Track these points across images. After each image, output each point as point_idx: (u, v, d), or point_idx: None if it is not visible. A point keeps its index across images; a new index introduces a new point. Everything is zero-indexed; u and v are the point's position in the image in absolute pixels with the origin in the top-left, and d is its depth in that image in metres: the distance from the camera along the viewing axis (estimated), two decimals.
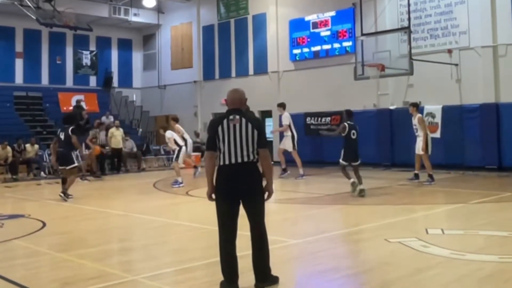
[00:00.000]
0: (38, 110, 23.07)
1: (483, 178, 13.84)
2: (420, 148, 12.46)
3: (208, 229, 7.12)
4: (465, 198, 10.28)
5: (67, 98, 23.56)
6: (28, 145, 17.73)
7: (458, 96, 15.87)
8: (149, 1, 24.21)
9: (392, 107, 17.29)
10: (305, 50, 19.80)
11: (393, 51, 15.86)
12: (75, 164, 11.68)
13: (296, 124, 15.66)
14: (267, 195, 4.83)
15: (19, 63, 23.55)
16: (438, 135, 15.07)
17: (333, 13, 18.93)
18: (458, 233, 7.07)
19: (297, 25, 20.02)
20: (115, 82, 26.04)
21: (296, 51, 20.09)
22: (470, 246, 6.27)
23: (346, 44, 18.58)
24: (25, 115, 22.35)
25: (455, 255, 5.77)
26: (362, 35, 15.74)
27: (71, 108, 21.76)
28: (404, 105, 16.23)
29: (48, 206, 11.03)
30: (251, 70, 21.84)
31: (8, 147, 17.07)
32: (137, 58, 27.30)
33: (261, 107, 19.66)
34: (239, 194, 4.68)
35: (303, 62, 19.90)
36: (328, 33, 19.09)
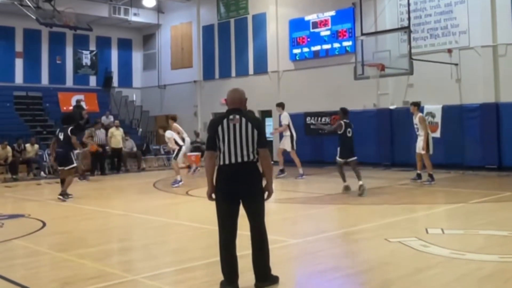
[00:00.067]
0: (38, 110, 23.06)
1: (483, 178, 13.84)
2: (421, 148, 12.46)
3: (208, 229, 7.12)
4: (465, 197, 10.28)
5: (67, 98, 23.55)
6: (28, 145, 17.72)
7: (458, 96, 15.87)
8: (149, 1, 24.20)
9: (392, 107, 17.29)
10: (305, 50, 19.78)
11: (393, 51, 15.84)
12: (74, 164, 11.69)
13: (296, 124, 15.68)
14: (267, 195, 4.83)
15: (19, 63, 23.53)
16: (438, 135, 15.04)
17: (333, 12, 18.93)
18: (458, 232, 7.07)
19: (297, 25, 20.01)
20: (115, 82, 26.03)
21: (296, 50, 20.08)
22: (470, 245, 6.26)
23: (346, 43, 18.57)
24: (25, 115, 22.33)
25: (455, 254, 5.77)
26: (362, 34, 15.74)
27: (71, 108, 21.76)
28: (404, 105, 16.24)
29: (48, 206, 11.03)
30: (251, 70, 21.83)
31: (8, 147, 17.07)
32: (137, 58, 27.29)
33: (261, 107, 19.66)
34: (239, 194, 4.68)
35: (303, 62, 19.89)
36: (328, 32, 19.08)
